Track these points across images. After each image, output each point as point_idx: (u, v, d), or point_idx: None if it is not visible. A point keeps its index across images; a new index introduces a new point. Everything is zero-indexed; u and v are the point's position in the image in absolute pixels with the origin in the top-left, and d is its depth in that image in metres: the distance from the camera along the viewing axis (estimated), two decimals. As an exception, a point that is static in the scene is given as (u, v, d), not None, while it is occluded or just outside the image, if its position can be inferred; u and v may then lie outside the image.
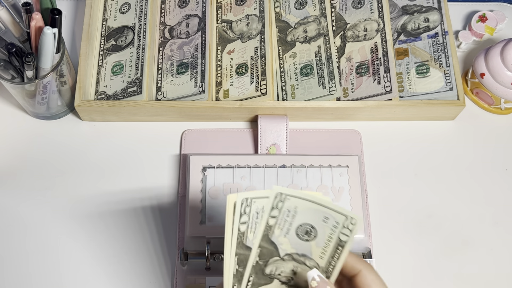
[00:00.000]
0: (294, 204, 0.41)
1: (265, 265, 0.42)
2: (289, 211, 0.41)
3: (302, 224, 0.41)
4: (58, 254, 0.59)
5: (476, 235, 0.61)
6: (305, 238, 0.42)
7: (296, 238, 0.42)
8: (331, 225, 0.41)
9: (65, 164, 0.63)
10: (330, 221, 0.41)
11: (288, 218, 0.41)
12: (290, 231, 0.42)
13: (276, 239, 0.42)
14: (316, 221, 0.41)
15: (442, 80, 0.64)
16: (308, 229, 0.42)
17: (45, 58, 0.56)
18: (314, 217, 0.41)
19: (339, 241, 0.41)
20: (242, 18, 0.67)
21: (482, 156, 0.65)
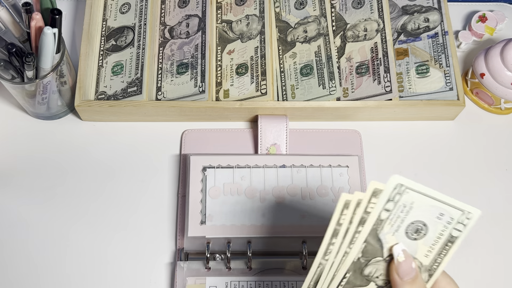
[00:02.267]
0: (411, 199, 0.38)
1: (365, 265, 0.40)
2: (405, 206, 0.38)
3: (414, 221, 0.39)
4: (58, 254, 0.59)
5: (476, 235, 0.61)
6: (414, 237, 0.40)
7: (404, 236, 0.40)
8: (445, 221, 0.39)
9: (65, 164, 0.63)
10: (445, 217, 0.39)
11: (402, 214, 0.39)
12: (400, 228, 0.39)
13: (384, 237, 0.39)
14: (430, 218, 0.39)
15: (442, 80, 0.64)
16: (419, 227, 0.39)
17: (45, 58, 0.56)
18: (428, 214, 0.39)
19: (450, 237, 0.39)
20: (242, 18, 0.67)
21: (482, 156, 0.65)
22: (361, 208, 0.38)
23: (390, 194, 0.38)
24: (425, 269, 0.41)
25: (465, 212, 0.39)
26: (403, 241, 0.40)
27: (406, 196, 0.38)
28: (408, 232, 0.40)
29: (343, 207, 0.38)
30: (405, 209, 0.39)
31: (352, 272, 0.40)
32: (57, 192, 0.62)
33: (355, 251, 0.39)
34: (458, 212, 0.39)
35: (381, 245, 0.40)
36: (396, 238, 0.40)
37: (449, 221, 0.39)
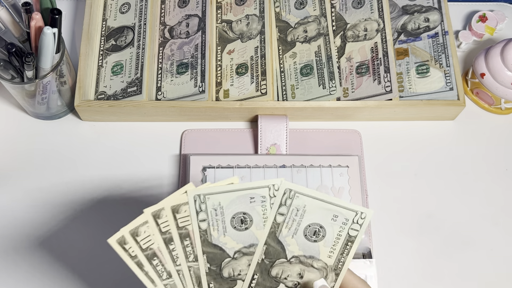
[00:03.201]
0: (303, 203, 0.40)
1: (271, 266, 0.42)
2: (298, 210, 0.41)
3: (310, 224, 0.41)
4: (58, 253, 0.59)
5: (476, 235, 0.61)
6: (313, 239, 0.41)
7: (304, 239, 0.41)
8: (341, 222, 0.41)
9: (65, 164, 0.63)
10: (339, 218, 0.41)
11: (297, 218, 0.41)
12: (298, 231, 0.41)
13: (284, 239, 0.41)
14: (325, 220, 0.41)
15: (442, 80, 0.64)
16: (316, 229, 0.41)
17: (45, 58, 0.56)
18: (323, 217, 0.41)
19: (349, 237, 0.41)
20: (242, 18, 0.67)
21: (482, 156, 0.65)
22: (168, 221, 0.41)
23: (281, 199, 0.40)
24: (330, 269, 0.42)
25: (358, 212, 0.41)
26: (303, 243, 0.42)
27: (297, 201, 0.40)
28: (306, 235, 0.41)
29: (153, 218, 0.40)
30: (299, 212, 0.41)
31: (260, 274, 0.42)
32: (57, 192, 0.62)
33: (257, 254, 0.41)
34: (352, 213, 0.41)
35: (283, 247, 0.41)
36: (296, 241, 0.42)
37: (345, 222, 0.41)
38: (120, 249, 0.40)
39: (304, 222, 0.41)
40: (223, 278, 0.42)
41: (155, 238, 0.41)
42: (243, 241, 0.41)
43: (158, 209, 0.40)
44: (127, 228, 0.40)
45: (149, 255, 0.41)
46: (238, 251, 0.42)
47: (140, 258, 0.41)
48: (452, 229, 0.61)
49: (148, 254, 0.41)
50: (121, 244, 0.40)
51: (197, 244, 0.41)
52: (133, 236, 0.41)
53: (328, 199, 0.40)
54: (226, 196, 0.40)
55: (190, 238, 0.41)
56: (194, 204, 0.40)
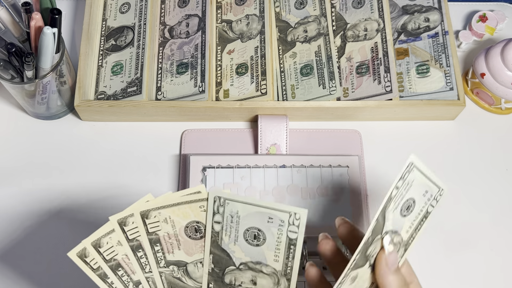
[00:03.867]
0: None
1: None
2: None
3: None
4: (57, 254, 0.59)
5: (476, 235, 0.61)
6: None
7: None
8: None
9: (65, 164, 0.63)
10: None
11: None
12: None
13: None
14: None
15: (443, 80, 0.64)
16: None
17: (44, 58, 0.56)
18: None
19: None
20: (242, 18, 0.67)
21: (482, 156, 0.65)
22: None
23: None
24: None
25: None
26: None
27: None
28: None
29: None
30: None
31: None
32: (57, 192, 0.62)
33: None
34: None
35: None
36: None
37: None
38: (81, 262, 0.40)
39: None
40: (223, 283, 0.42)
41: (121, 247, 0.41)
42: (252, 256, 0.41)
43: (124, 216, 0.40)
44: (88, 240, 0.40)
45: (113, 266, 0.41)
46: (244, 263, 0.41)
47: (104, 269, 0.41)
48: (452, 229, 0.61)
49: (112, 265, 0.41)
50: (82, 258, 0.40)
51: (206, 242, 0.41)
52: (96, 247, 0.40)
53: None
54: (246, 207, 0.40)
55: (160, 243, 0.41)
56: (213, 205, 0.40)
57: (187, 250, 0.42)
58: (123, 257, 0.41)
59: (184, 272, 0.42)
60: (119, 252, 0.41)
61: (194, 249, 0.42)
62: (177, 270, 0.42)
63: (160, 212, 0.40)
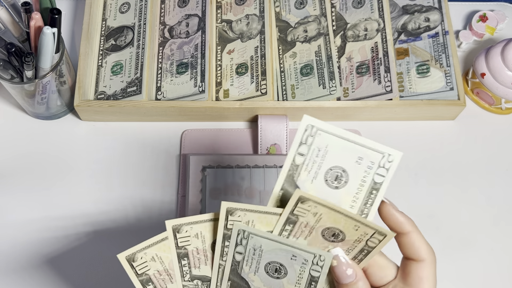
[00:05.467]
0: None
1: None
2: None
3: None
4: (57, 254, 0.59)
5: (477, 235, 0.61)
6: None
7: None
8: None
9: (65, 164, 0.63)
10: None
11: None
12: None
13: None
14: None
15: (443, 80, 0.63)
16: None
17: (44, 58, 0.55)
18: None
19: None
20: (242, 18, 0.67)
21: (482, 156, 0.65)
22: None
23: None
24: None
25: (386, 154, 0.36)
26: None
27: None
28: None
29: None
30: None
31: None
32: (56, 192, 0.62)
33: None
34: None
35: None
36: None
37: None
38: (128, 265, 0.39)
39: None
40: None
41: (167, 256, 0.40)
42: (270, 286, 0.40)
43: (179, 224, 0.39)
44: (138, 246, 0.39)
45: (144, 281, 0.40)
46: None
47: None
48: (452, 229, 0.61)
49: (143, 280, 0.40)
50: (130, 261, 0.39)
51: (226, 269, 0.40)
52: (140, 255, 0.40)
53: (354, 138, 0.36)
54: (270, 243, 0.38)
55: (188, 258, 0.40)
56: (236, 237, 0.38)
57: None
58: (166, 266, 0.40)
59: (207, 287, 0.42)
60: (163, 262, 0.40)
61: None
62: (201, 284, 0.41)
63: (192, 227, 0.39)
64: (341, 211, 0.36)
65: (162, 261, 0.40)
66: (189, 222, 0.39)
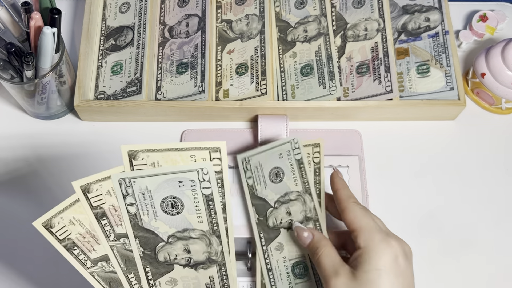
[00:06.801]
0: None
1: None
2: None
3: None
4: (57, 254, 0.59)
5: (477, 235, 0.61)
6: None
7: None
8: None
9: (65, 164, 0.63)
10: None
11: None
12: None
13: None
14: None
15: (443, 80, 0.63)
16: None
17: (44, 58, 0.55)
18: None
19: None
20: (242, 18, 0.67)
21: (482, 156, 0.65)
22: None
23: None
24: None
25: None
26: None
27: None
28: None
29: None
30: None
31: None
32: (56, 192, 0.62)
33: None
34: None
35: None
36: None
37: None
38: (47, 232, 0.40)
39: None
40: (158, 262, 0.42)
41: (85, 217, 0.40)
42: (176, 226, 0.41)
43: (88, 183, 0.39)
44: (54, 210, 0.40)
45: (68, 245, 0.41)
46: (172, 235, 0.41)
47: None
48: (453, 229, 0.61)
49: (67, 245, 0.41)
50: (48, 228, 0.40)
51: (127, 228, 0.40)
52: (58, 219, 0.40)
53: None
54: (153, 179, 0.39)
55: (107, 217, 0.40)
56: (120, 188, 0.39)
57: None
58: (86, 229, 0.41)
59: None
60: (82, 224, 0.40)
61: None
62: (129, 242, 0.41)
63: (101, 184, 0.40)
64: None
65: (81, 223, 0.40)
66: (97, 180, 0.39)
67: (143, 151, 0.39)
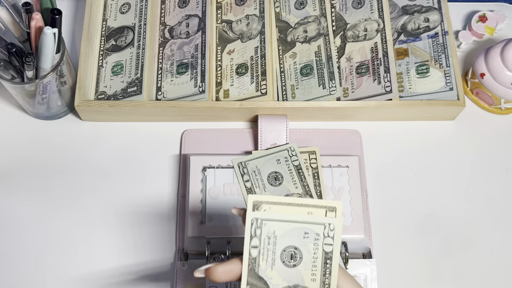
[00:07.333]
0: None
1: None
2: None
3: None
4: (57, 254, 0.59)
5: (477, 235, 0.61)
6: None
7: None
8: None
9: (65, 164, 0.63)
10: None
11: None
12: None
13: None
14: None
15: (442, 80, 0.64)
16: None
17: (45, 58, 0.56)
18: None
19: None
20: (242, 18, 0.67)
21: (482, 156, 0.65)
22: None
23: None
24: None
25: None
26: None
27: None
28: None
29: None
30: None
31: None
32: (56, 192, 0.62)
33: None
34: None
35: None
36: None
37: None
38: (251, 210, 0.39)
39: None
40: None
41: None
42: (289, 280, 0.40)
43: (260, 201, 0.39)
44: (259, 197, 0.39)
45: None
46: None
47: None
48: (452, 229, 0.61)
49: None
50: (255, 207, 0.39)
51: (243, 271, 0.39)
52: None
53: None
54: (282, 225, 0.39)
55: None
56: (250, 228, 0.39)
57: None
58: None
59: None
60: None
61: None
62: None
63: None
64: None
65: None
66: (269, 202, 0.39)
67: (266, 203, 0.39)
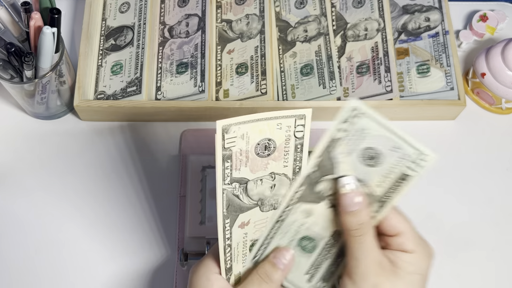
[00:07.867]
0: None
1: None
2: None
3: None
4: (57, 254, 0.59)
5: (477, 235, 0.61)
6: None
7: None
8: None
9: (64, 164, 0.63)
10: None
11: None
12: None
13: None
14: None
15: (443, 79, 0.63)
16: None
17: (44, 58, 0.55)
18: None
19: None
20: (242, 18, 0.67)
21: (483, 156, 0.65)
22: None
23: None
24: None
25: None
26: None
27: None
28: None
29: None
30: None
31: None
32: (56, 192, 0.62)
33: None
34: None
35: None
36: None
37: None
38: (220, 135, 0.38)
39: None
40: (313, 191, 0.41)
41: None
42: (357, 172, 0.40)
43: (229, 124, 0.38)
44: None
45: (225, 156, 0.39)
46: None
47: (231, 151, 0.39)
48: (452, 229, 0.61)
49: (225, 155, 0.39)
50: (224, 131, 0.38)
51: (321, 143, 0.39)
52: None
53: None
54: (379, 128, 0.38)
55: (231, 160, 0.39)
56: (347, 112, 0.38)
57: (252, 167, 0.41)
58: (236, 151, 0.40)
59: (244, 190, 0.42)
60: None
61: (259, 166, 0.41)
62: (238, 187, 0.41)
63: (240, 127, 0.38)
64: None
65: (248, 142, 0.39)
66: (238, 122, 0.38)
67: (235, 124, 0.38)
